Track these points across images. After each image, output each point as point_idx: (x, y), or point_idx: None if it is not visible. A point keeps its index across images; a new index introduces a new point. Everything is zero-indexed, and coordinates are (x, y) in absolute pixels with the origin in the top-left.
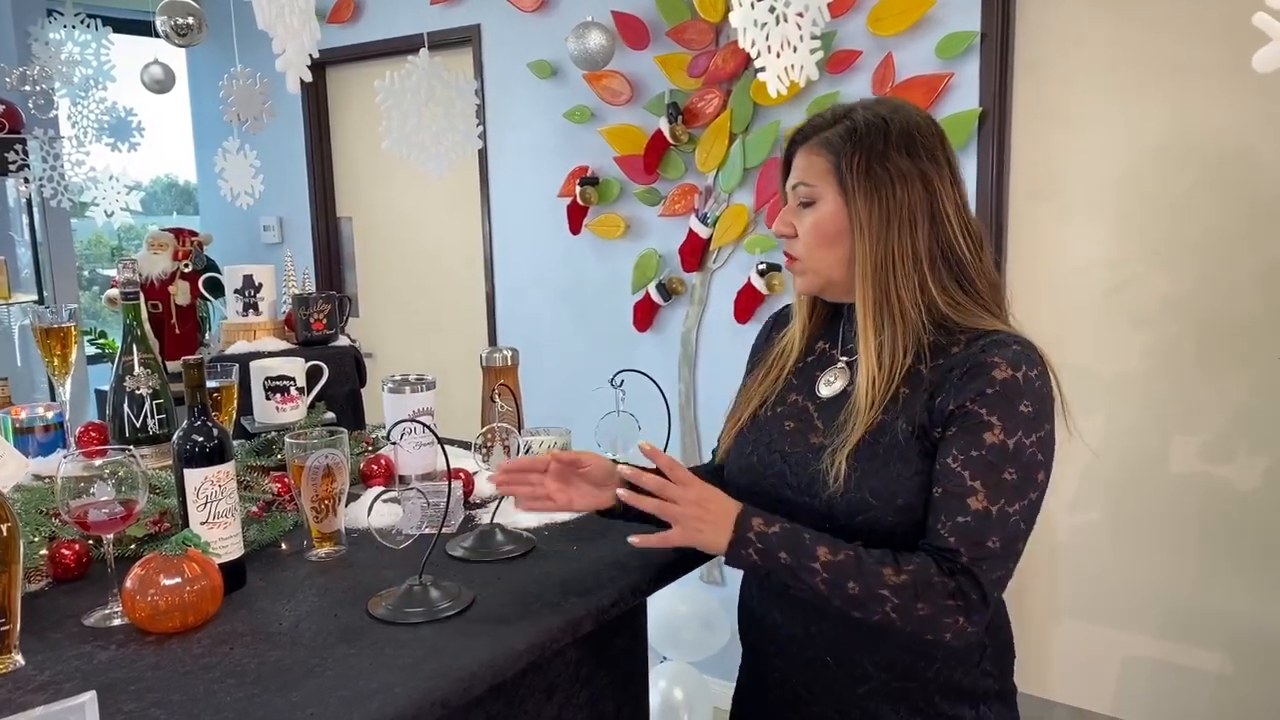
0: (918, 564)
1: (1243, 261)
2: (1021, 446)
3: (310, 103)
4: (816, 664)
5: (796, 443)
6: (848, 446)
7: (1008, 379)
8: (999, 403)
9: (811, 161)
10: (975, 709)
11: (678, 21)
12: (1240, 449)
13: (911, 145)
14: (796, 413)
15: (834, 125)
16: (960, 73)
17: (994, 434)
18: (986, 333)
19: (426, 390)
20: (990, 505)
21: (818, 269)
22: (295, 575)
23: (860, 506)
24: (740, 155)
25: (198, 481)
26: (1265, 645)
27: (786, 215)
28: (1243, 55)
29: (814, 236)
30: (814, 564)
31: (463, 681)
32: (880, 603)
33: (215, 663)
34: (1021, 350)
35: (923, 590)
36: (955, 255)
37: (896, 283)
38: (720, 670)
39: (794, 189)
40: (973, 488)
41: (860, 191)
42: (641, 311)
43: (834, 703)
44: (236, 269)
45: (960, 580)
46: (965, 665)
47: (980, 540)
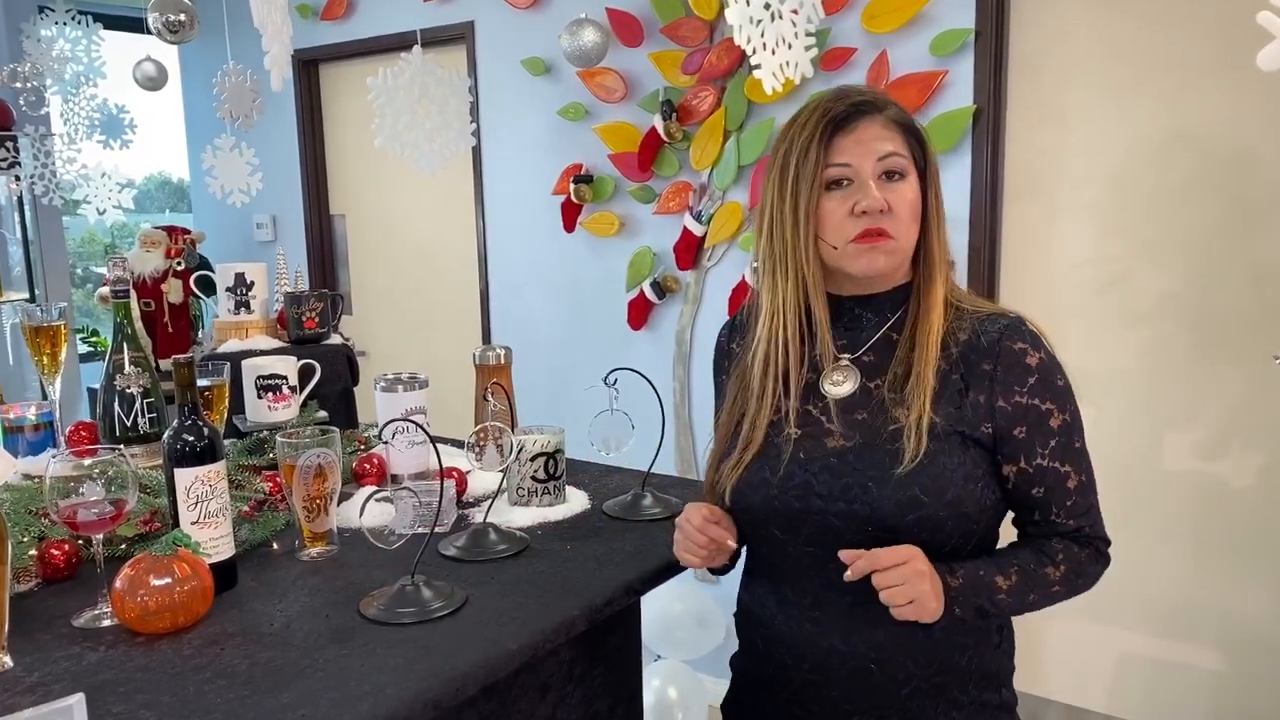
0: (1062, 549)
1: (1236, 259)
2: (1075, 415)
3: (303, 100)
4: (860, 673)
5: (812, 450)
6: (921, 422)
7: (1040, 362)
8: (1045, 388)
9: (894, 135)
10: (999, 691)
11: (672, 19)
12: (1234, 446)
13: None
14: (801, 419)
15: (895, 105)
16: (954, 70)
17: (1056, 418)
18: (987, 316)
19: (419, 389)
20: (1081, 476)
21: (904, 247)
22: (287, 575)
23: (911, 505)
24: (735, 153)
25: (188, 481)
26: (1259, 643)
27: (876, 189)
28: (1236, 52)
29: (907, 211)
30: (999, 595)
31: (455, 682)
32: (1053, 598)
33: (206, 664)
34: (1027, 329)
35: (1077, 569)
36: None
37: (945, 268)
38: (715, 669)
39: (883, 158)
40: (1066, 472)
41: (935, 173)
42: (636, 310)
43: (875, 709)
44: (228, 267)
45: (1095, 544)
46: (989, 648)
47: (1088, 507)
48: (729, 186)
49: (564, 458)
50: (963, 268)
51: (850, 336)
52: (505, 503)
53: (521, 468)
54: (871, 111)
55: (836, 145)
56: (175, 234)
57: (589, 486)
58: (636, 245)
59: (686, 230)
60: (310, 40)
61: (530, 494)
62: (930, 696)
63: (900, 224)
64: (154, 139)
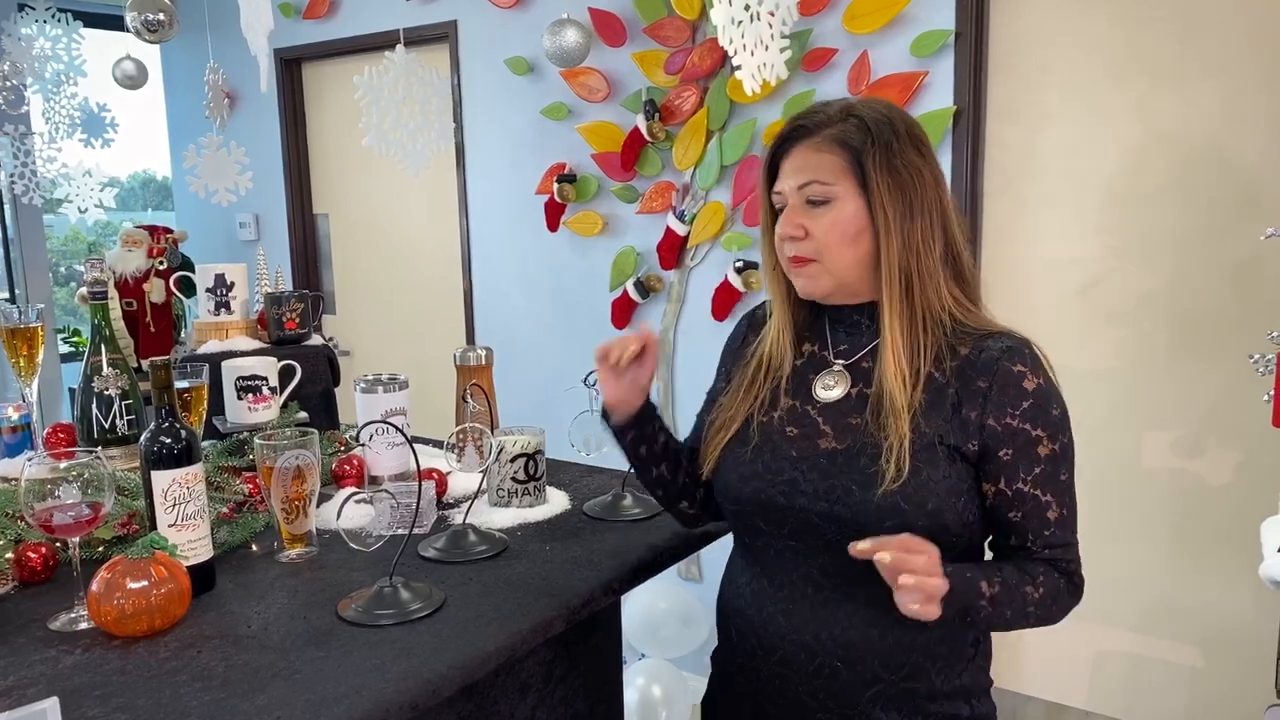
0: (1044, 573)
1: (1213, 257)
2: (1065, 447)
3: (286, 99)
4: (825, 671)
5: (804, 449)
6: (904, 444)
7: (1037, 388)
8: (1038, 414)
9: (822, 159)
10: (969, 704)
11: (655, 19)
12: (1211, 444)
13: (916, 141)
14: (797, 418)
15: (841, 121)
16: (935, 71)
17: (1045, 446)
18: (991, 334)
19: (399, 390)
20: (1063, 510)
21: (835, 270)
22: (265, 577)
23: (891, 512)
24: (717, 152)
25: (165, 483)
26: (1236, 638)
27: (794, 216)
28: (1211, 53)
29: (835, 236)
30: (982, 602)
31: (431, 684)
32: (1025, 619)
33: (182, 666)
34: (1034, 354)
35: (1054, 595)
36: (957, 251)
37: (921, 281)
38: (699, 667)
39: (801, 188)
40: (1047, 502)
41: (884, 189)
42: (619, 309)
43: (838, 708)
44: (208, 268)
45: (1070, 576)
46: (962, 660)
47: (1066, 542)
48: (711, 186)
49: (544, 458)
50: None
51: (851, 341)
52: (485, 504)
53: (501, 469)
54: (804, 136)
55: (780, 170)
56: (157, 233)
57: (570, 487)
58: (620, 245)
59: (669, 230)
60: (293, 39)
61: (510, 495)
62: (895, 702)
63: (823, 248)
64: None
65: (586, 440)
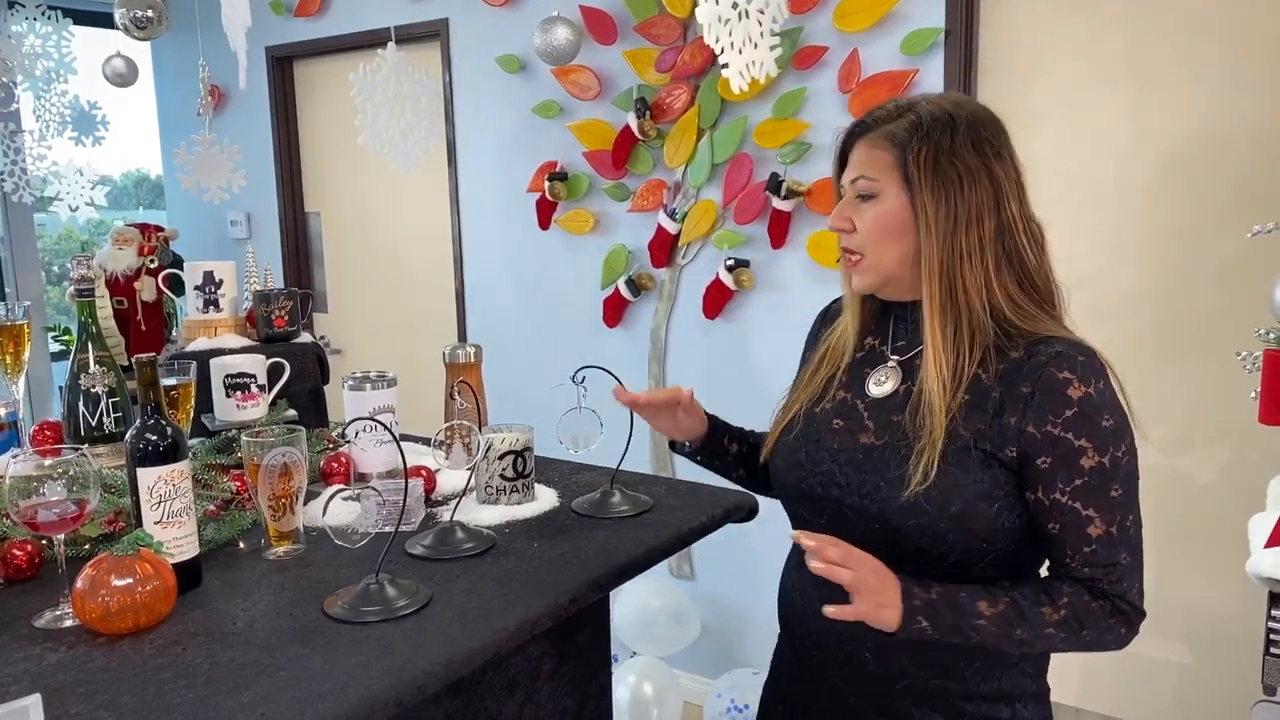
0: (1070, 594)
1: (1201, 256)
2: (1116, 461)
3: (277, 96)
4: (855, 659)
5: (845, 441)
6: (936, 448)
7: (1084, 396)
8: (1083, 424)
9: (874, 155)
10: (1011, 708)
11: (645, 17)
12: (1198, 441)
13: (978, 141)
14: (845, 410)
15: (897, 119)
16: (925, 69)
17: (1089, 458)
18: (1045, 339)
19: (387, 388)
20: (1109, 527)
21: (878, 265)
22: (252, 574)
23: (914, 512)
24: (708, 150)
25: (151, 481)
26: (1222, 636)
27: (844, 210)
28: (1200, 52)
29: (876, 230)
30: (979, 621)
31: (416, 680)
32: (1049, 640)
33: (167, 664)
34: (1087, 361)
35: (1084, 618)
36: (1019, 255)
37: (965, 281)
38: (691, 665)
39: (853, 182)
40: (1089, 517)
41: (927, 187)
42: (611, 307)
43: (870, 698)
44: (197, 265)
45: (1113, 600)
46: (1004, 666)
47: (1112, 563)
48: (702, 184)
49: (533, 456)
50: None
51: (909, 338)
52: (474, 501)
53: (489, 466)
54: (861, 133)
55: (846, 165)
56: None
57: (559, 484)
58: (611, 243)
59: (661, 228)
60: (284, 36)
61: (499, 492)
62: (927, 698)
63: (866, 242)
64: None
65: (575, 438)
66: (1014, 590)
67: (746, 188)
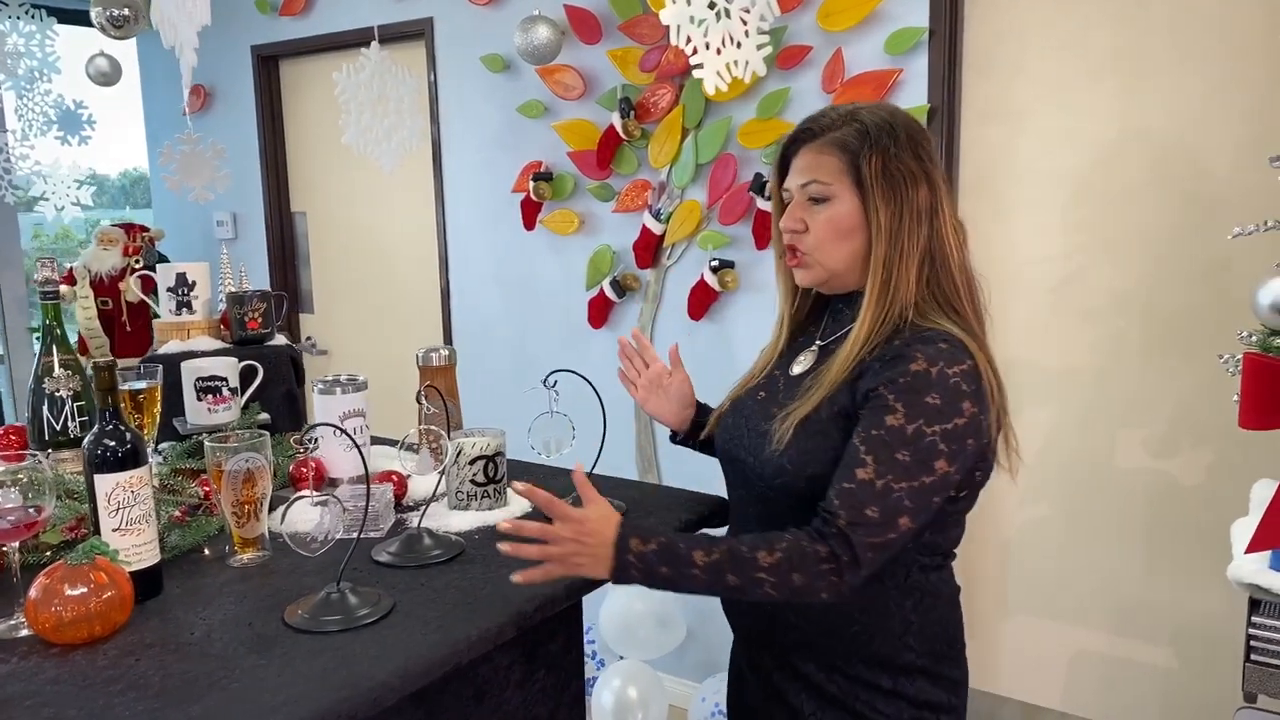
0: (789, 540)
1: (1187, 256)
2: (921, 433)
3: (263, 95)
4: (756, 608)
5: (761, 411)
6: (797, 415)
7: (920, 371)
8: (906, 391)
9: (823, 160)
10: (894, 680)
11: (630, 16)
12: (1184, 444)
13: (916, 147)
14: (769, 385)
15: (842, 126)
16: (909, 69)
17: (895, 417)
18: (925, 330)
19: (356, 391)
20: (876, 478)
21: (826, 263)
22: (214, 582)
23: (778, 471)
24: (693, 151)
25: (109, 487)
26: (1209, 639)
27: (796, 211)
28: (1185, 52)
29: (828, 232)
30: (693, 570)
31: (372, 692)
32: (759, 585)
33: (119, 675)
34: (947, 348)
35: (797, 562)
36: (943, 253)
37: (901, 279)
38: (676, 668)
39: (804, 186)
40: (864, 460)
41: (878, 191)
42: (596, 308)
43: (766, 648)
44: (169, 267)
45: (833, 544)
46: (886, 635)
47: (859, 506)
48: (687, 185)
49: (505, 460)
50: None
51: (836, 326)
52: (445, 507)
53: (460, 471)
54: (808, 139)
55: (789, 169)
56: (134, 231)
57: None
58: (596, 243)
59: (646, 229)
60: (270, 36)
61: (470, 497)
62: (814, 655)
63: (819, 242)
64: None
65: (546, 443)
66: (738, 541)
67: (731, 188)
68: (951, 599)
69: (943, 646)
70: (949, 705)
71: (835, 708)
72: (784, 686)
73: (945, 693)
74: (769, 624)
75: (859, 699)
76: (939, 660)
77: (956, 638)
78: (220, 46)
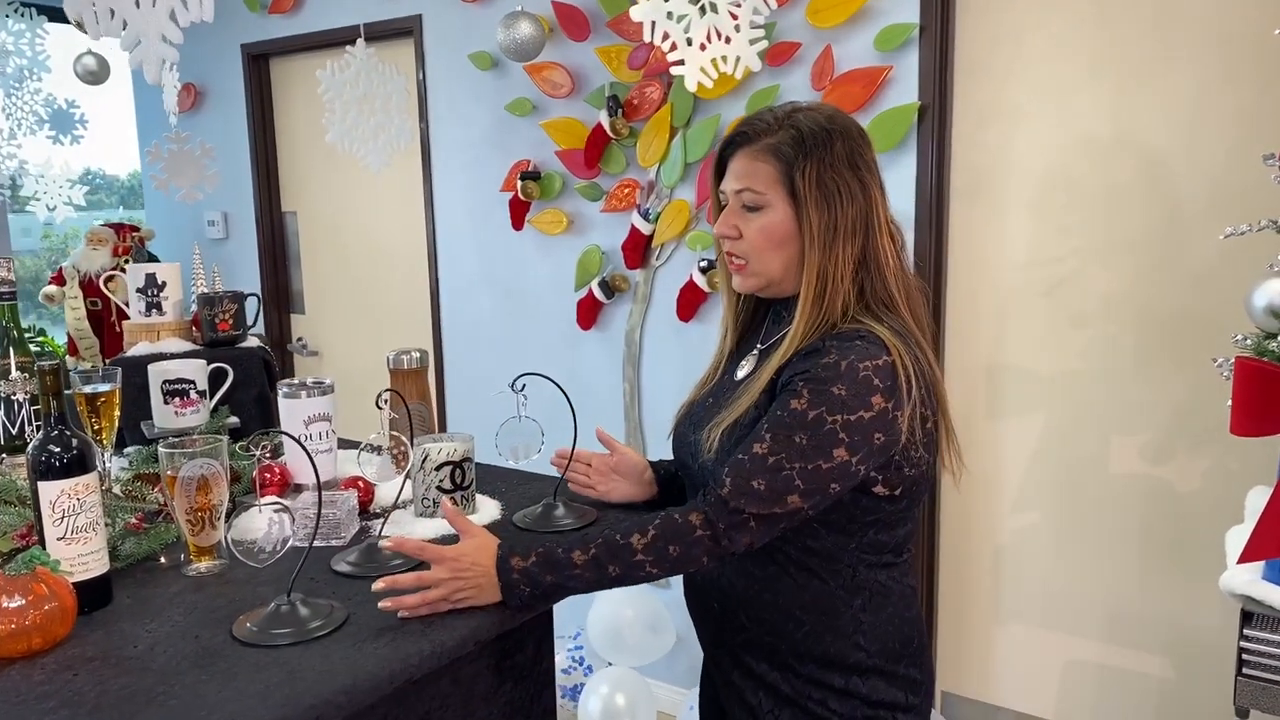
0: (661, 518)
1: (1180, 259)
2: (821, 420)
3: (253, 95)
4: (709, 609)
5: (705, 416)
6: (725, 423)
7: (830, 363)
8: (813, 381)
9: (757, 167)
10: (846, 679)
11: (617, 12)
12: (1179, 449)
13: (853, 155)
14: (716, 390)
15: (778, 131)
16: (899, 66)
17: (799, 402)
18: (846, 330)
19: (322, 395)
20: (769, 454)
21: (762, 270)
22: (166, 592)
23: (714, 476)
24: (681, 150)
25: (53, 495)
26: (1205, 648)
27: (730, 218)
28: (1178, 52)
29: (761, 240)
30: (574, 570)
31: (314, 710)
32: (639, 567)
33: (53, 691)
34: (862, 344)
35: (671, 536)
36: (878, 260)
37: (835, 288)
38: (666, 674)
39: (738, 193)
40: (763, 438)
41: (812, 202)
42: (585, 309)
43: (724, 649)
44: (139, 267)
45: (710, 511)
46: (835, 634)
47: (747, 477)
48: (676, 184)
49: (473, 466)
50: None
51: (774, 330)
52: (411, 514)
53: (426, 477)
54: (744, 144)
55: (726, 171)
56: (124, 231)
57: (505, 495)
58: (585, 244)
59: (634, 228)
60: (259, 34)
61: (436, 504)
62: (765, 654)
63: (752, 250)
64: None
65: (514, 450)
66: (614, 531)
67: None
68: (904, 598)
69: (896, 645)
70: (906, 705)
71: (790, 706)
72: (741, 685)
73: (902, 691)
74: (723, 625)
75: (811, 698)
76: (894, 660)
77: (912, 637)
78: (210, 45)
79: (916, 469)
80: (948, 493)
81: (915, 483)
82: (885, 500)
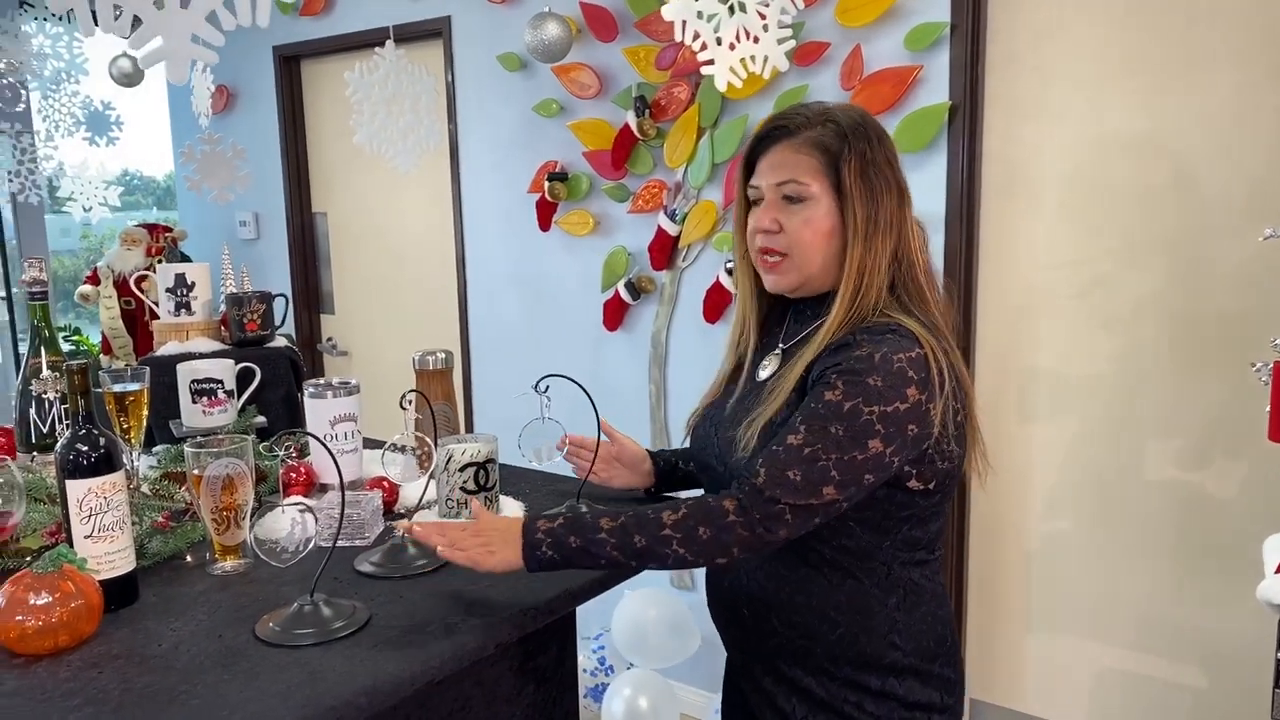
0: (695, 500)
1: (1215, 260)
2: (857, 411)
3: (284, 96)
4: (738, 615)
5: (730, 417)
6: (762, 420)
7: (863, 355)
8: (847, 373)
9: (800, 159)
10: (883, 680)
11: (645, 13)
12: (1216, 454)
13: (890, 152)
14: (744, 393)
15: (818, 125)
16: (930, 65)
17: (834, 394)
18: (876, 324)
19: (348, 395)
20: (805, 445)
21: (802, 266)
22: (191, 590)
23: (750, 468)
24: (709, 150)
25: (80, 493)
26: (1240, 659)
27: (770, 211)
28: (1217, 49)
29: (806, 232)
30: (600, 535)
31: (335, 711)
32: (666, 543)
33: (79, 689)
34: (894, 337)
35: (701, 517)
36: (909, 256)
37: (872, 282)
38: (689, 677)
39: (779, 185)
40: (798, 430)
41: (857, 194)
42: (611, 310)
43: (750, 654)
44: (168, 267)
45: (744, 499)
46: (870, 634)
47: (781, 467)
48: (703, 185)
49: (497, 467)
50: (938, 268)
51: (797, 329)
52: (435, 515)
53: (450, 478)
54: (784, 136)
55: (757, 166)
56: (157, 232)
57: (529, 496)
58: (611, 244)
59: (661, 229)
60: (290, 36)
61: (460, 505)
62: (799, 659)
63: (794, 244)
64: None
65: (538, 451)
66: (646, 508)
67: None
68: (937, 596)
69: (931, 644)
70: (942, 705)
71: (825, 710)
72: (774, 690)
73: (937, 692)
74: (754, 631)
75: (848, 701)
76: (929, 659)
77: (946, 636)
78: (242, 47)
79: (949, 462)
80: (977, 497)
81: (948, 475)
82: (919, 495)
